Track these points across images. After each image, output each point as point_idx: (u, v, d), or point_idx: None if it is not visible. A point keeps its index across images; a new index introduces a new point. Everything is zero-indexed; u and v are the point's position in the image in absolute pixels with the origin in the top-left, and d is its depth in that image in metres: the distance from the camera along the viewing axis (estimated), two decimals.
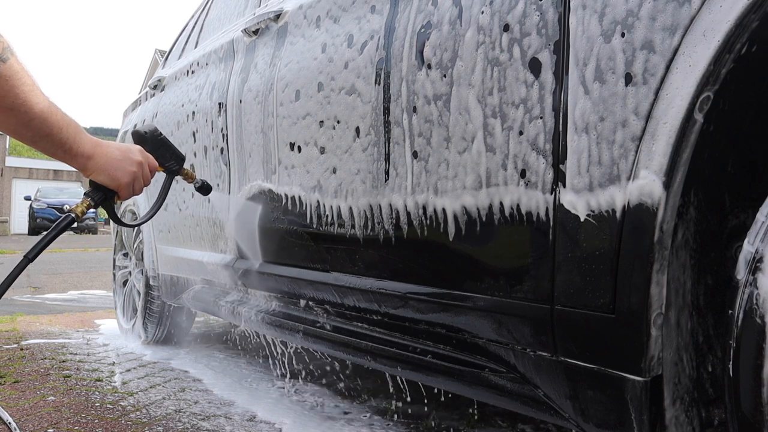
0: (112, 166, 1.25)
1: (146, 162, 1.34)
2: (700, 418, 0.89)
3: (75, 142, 1.18)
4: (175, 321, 2.85)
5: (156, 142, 1.45)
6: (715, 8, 0.78)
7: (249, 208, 1.85)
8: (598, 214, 0.91)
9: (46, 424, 1.75)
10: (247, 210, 1.86)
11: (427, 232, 1.23)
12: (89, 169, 1.24)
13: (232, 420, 1.81)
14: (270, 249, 1.79)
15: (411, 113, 1.26)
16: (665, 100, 0.82)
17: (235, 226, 1.97)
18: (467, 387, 1.19)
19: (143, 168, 1.32)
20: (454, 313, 1.19)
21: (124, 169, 1.27)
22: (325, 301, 1.59)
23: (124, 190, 1.29)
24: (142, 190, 1.35)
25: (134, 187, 1.31)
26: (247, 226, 1.86)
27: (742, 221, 0.89)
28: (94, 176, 1.25)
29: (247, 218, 1.86)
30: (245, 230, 1.89)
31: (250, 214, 1.84)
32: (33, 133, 1.12)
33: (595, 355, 0.93)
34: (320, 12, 1.61)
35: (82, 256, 9.59)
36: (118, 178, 1.27)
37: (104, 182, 1.27)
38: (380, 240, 1.35)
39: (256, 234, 1.82)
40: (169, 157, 1.47)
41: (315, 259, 1.60)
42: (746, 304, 0.75)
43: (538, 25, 1.01)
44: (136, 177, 1.30)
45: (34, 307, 4.42)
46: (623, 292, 0.87)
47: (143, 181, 1.33)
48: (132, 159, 1.29)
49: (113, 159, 1.26)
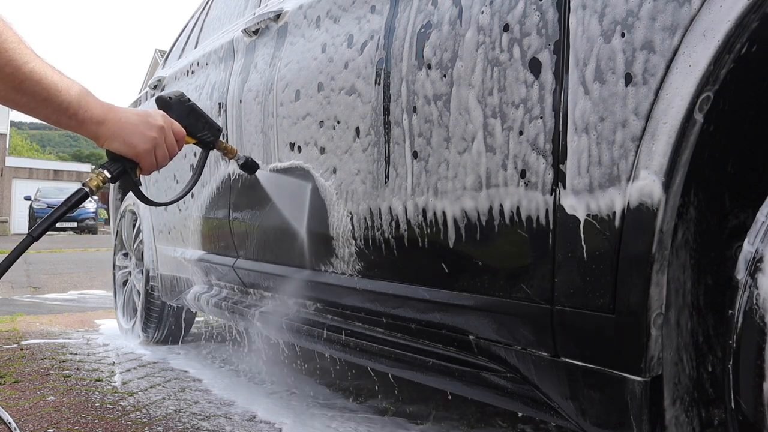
0: (126, 131, 1.11)
1: (170, 128, 1.18)
2: (700, 418, 0.89)
3: (81, 107, 1.05)
4: (175, 321, 2.85)
5: (183, 108, 1.28)
6: (715, 8, 0.78)
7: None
8: (598, 215, 0.91)
9: (46, 424, 1.75)
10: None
11: (427, 232, 1.23)
12: (101, 137, 1.10)
13: (232, 420, 1.81)
14: (274, 249, 1.79)
15: (411, 113, 1.26)
16: (665, 100, 0.82)
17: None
18: (467, 387, 1.19)
19: (165, 134, 1.16)
20: (453, 313, 1.19)
21: (141, 134, 1.12)
22: (323, 301, 1.59)
23: (145, 159, 1.14)
24: (167, 161, 1.18)
25: (156, 156, 1.15)
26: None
27: (742, 221, 0.89)
28: (108, 144, 1.11)
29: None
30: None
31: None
32: (28, 98, 0.99)
33: (595, 355, 0.93)
34: (320, 12, 1.61)
35: (82, 256, 9.59)
36: (135, 144, 1.12)
37: (119, 150, 1.12)
38: (380, 240, 1.35)
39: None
40: (201, 127, 1.30)
41: (315, 258, 1.60)
42: (746, 304, 0.75)
43: (538, 25, 1.01)
44: (157, 144, 1.14)
45: (34, 307, 4.42)
46: (623, 292, 0.87)
47: (167, 150, 1.17)
48: (151, 123, 1.14)
49: (128, 123, 1.11)
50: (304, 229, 1.59)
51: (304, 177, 1.58)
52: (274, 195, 1.70)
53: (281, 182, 1.66)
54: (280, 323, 1.73)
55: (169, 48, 3.19)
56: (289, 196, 1.63)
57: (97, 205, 20.91)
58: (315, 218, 1.54)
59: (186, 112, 1.28)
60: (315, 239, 1.56)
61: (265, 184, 1.70)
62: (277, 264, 1.75)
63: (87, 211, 19.63)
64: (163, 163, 1.17)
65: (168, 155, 1.17)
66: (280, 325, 1.72)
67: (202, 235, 2.24)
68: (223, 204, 2.04)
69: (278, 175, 1.68)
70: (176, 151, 1.19)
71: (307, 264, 1.60)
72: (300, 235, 1.60)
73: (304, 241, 1.58)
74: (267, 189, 1.70)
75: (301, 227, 1.59)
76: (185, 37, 2.92)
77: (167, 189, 2.54)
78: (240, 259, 1.96)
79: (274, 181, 1.69)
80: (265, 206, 1.77)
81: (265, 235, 1.80)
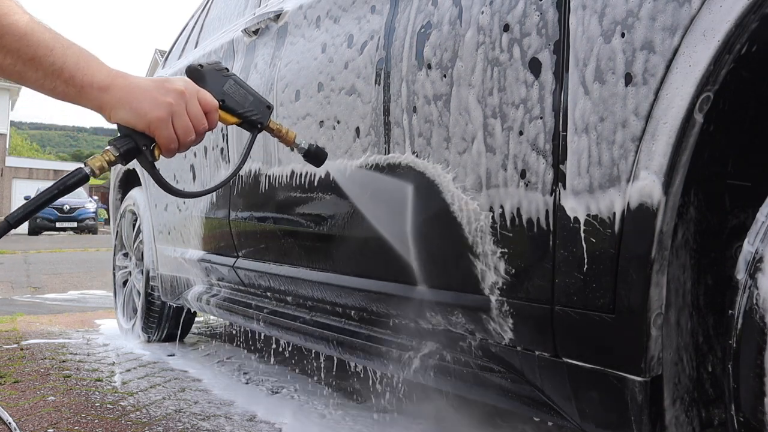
0: (135, 96, 0.89)
1: (194, 95, 0.94)
2: (700, 418, 0.89)
3: (80, 69, 0.86)
4: (175, 321, 2.85)
5: (218, 78, 1.03)
6: (715, 8, 0.78)
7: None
8: (598, 215, 0.91)
9: (46, 424, 1.75)
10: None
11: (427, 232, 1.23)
12: (105, 106, 0.89)
13: (232, 420, 1.81)
14: (274, 249, 1.79)
15: (411, 113, 1.26)
16: (665, 100, 0.82)
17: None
18: (467, 387, 1.19)
19: (187, 101, 0.92)
20: (453, 313, 1.19)
21: (153, 99, 0.89)
22: (323, 300, 1.59)
23: (160, 131, 0.90)
24: (190, 135, 0.93)
25: (175, 128, 0.91)
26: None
27: (742, 221, 0.89)
28: (114, 114, 0.90)
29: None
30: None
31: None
32: (13, 59, 0.82)
33: (595, 356, 0.93)
34: (320, 12, 1.61)
35: (82, 256, 9.59)
36: (145, 111, 0.89)
37: (127, 120, 0.90)
38: (380, 240, 1.35)
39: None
40: (243, 102, 1.05)
41: (315, 258, 1.59)
42: (746, 304, 0.75)
43: (538, 25, 1.01)
44: (175, 111, 0.90)
45: (34, 307, 4.42)
46: (623, 293, 0.87)
47: (191, 121, 0.92)
48: (167, 87, 0.91)
49: (138, 88, 0.90)
50: (410, 237, 1.28)
51: (412, 177, 1.27)
52: (359, 196, 1.41)
53: (375, 182, 1.37)
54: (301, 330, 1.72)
55: (169, 48, 3.19)
56: (386, 198, 1.34)
57: (97, 205, 20.90)
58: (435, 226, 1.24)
59: (222, 83, 1.03)
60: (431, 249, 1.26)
61: (345, 182, 1.43)
62: (370, 278, 1.43)
63: (87, 211, 19.63)
64: (186, 138, 0.92)
65: (191, 128, 0.92)
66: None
67: (205, 235, 2.24)
68: (224, 204, 2.04)
69: (371, 174, 1.38)
70: (203, 125, 0.94)
71: (419, 279, 1.28)
72: (404, 244, 1.30)
73: (410, 251, 1.28)
74: (346, 188, 1.43)
75: (406, 235, 1.29)
76: (185, 37, 2.92)
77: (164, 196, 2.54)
78: (240, 259, 1.97)
79: (363, 180, 1.40)
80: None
81: (345, 244, 1.50)
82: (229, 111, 1.03)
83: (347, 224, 1.45)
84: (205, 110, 0.95)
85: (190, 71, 1.03)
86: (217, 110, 0.98)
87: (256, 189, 1.81)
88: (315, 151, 1.17)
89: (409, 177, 1.27)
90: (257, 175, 1.81)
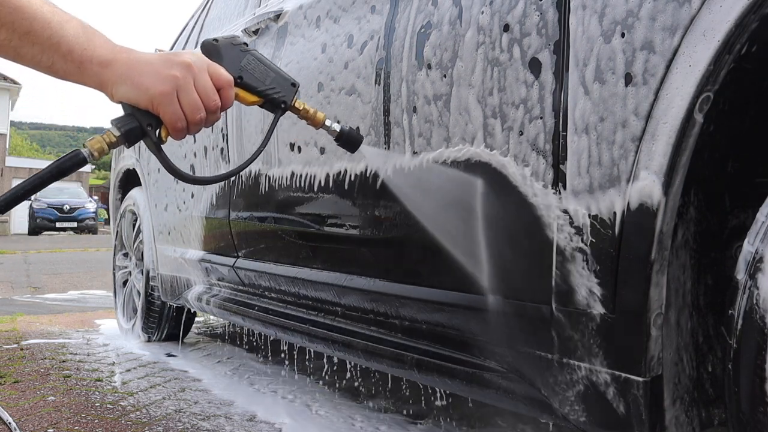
0: (137, 70, 0.81)
1: (203, 68, 0.84)
2: (700, 418, 0.89)
3: (79, 44, 0.80)
4: (174, 321, 2.85)
5: (235, 53, 0.93)
6: (715, 8, 0.78)
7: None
8: (598, 215, 0.91)
9: (46, 424, 1.75)
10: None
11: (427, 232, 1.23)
12: (107, 83, 0.82)
13: (232, 420, 1.81)
14: (274, 249, 1.79)
15: (411, 113, 1.26)
16: (665, 101, 0.82)
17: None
18: (467, 387, 1.19)
19: (195, 75, 0.83)
20: (454, 313, 1.19)
21: (157, 73, 0.81)
22: (323, 300, 1.59)
23: (164, 107, 0.81)
24: (199, 113, 0.83)
25: (182, 104, 0.82)
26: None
27: (742, 221, 0.89)
28: (115, 91, 0.82)
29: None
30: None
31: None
32: (8, 33, 0.77)
33: (595, 355, 0.93)
34: (320, 12, 1.61)
35: (82, 256, 9.59)
36: (147, 86, 0.81)
37: (129, 97, 0.82)
38: (380, 240, 1.35)
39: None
40: (264, 80, 0.95)
41: (315, 258, 1.60)
42: (746, 304, 0.75)
43: (538, 25, 1.01)
44: (180, 86, 0.81)
45: (34, 307, 4.42)
46: (623, 292, 0.87)
47: (200, 97, 0.83)
48: (173, 60, 0.83)
49: (141, 62, 0.82)
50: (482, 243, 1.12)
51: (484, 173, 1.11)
52: (415, 195, 1.26)
53: (439, 178, 1.20)
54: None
55: (169, 48, 3.19)
56: (453, 198, 1.18)
57: (97, 205, 20.90)
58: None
59: (239, 58, 0.93)
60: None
61: (397, 179, 1.28)
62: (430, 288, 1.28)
63: (87, 211, 19.63)
64: (194, 115, 0.83)
65: (200, 105, 0.83)
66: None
67: (205, 235, 2.24)
68: (224, 204, 2.04)
69: (438, 168, 1.19)
70: (214, 101, 0.85)
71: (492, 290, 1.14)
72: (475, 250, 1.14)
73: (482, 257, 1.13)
74: (397, 185, 1.28)
75: (477, 240, 1.13)
76: (185, 37, 2.92)
77: (167, 189, 2.54)
78: (240, 259, 1.97)
79: (421, 176, 1.24)
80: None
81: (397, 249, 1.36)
82: (247, 89, 0.93)
83: (369, 225, 1.45)
84: (217, 86, 0.85)
85: (204, 46, 0.94)
86: (232, 86, 0.89)
87: (256, 189, 1.81)
88: (349, 133, 1.03)
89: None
90: (257, 175, 1.81)
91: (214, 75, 0.85)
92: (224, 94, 0.86)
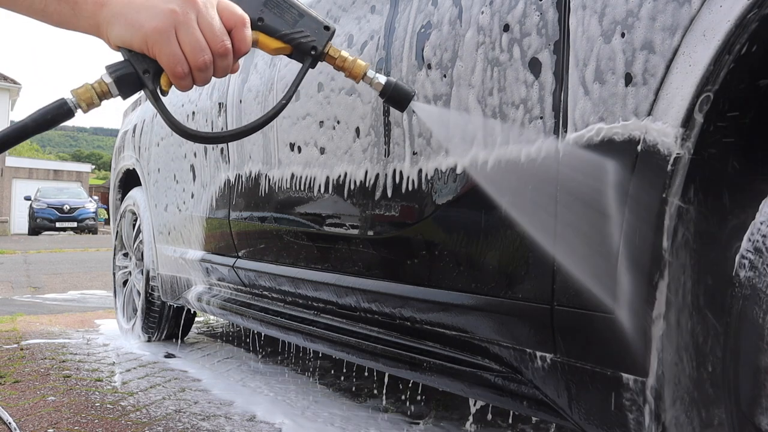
0: (133, 6, 0.72)
1: (212, 3, 0.74)
2: (700, 418, 0.89)
3: None
4: (174, 321, 2.85)
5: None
6: (715, 8, 0.78)
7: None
8: (598, 214, 0.91)
9: (46, 424, 1.75)
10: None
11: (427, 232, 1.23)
12: (103, 23, 0.73)
13: (232, 420, 1.81)
14: (274, 249, 1.79)
15: (411, 113, 1.26)
16: (665, 100, 0.82)
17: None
18: (467, 387, 1.19)
19: (199, 9, 0.73)
20: (454, 313, 1.19)
21: (153, 8, 0.71)
22: (322, 300, 1.59)
23: (160, 47, 0.72)
24: (202, 55, 0.73)
25: (181, 42, 0.72)
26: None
27: (742, 221, 0.89)
28: (110, 31, 0.73)
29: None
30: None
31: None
32: None
33: (595, 355, 0.93)
34: (320, 12, 1.61)
35: (82, 256, 9.59)
36: (141, 23, 0.71)
37: (123, 37, 0.73)
38: (379, 240, 1.35)
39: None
40: (291, 22, 0.81)
41: (314, 258, 1.60)
42: (746, 304, 0.75)
43: (538, 25, 1.01)
44: (180, 22, 0.71)
45: (34, 307, 4.42)
46: (623, 292, 0.87)
47: (205, 36, 0.73)
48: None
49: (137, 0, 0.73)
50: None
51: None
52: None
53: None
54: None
55: None
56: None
57: (97, 205, 20.91)
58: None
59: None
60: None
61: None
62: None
63: (87, 211, 19.64)
64: (197, 57, 0.73)
65: (204, 45, 0.73)
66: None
67: (205, 235, 2.24)
68: (224, 204, 2.04)
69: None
70: (223, 42, 0.74)
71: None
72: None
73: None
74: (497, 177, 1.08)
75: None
76: None
77: (167, 189, 2.54)
78: (240, 259, 1.97)
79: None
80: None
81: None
82: (269, 32, 0.80)
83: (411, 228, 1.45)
84: (228, 25, 0.74)
85: None
86: (246, 26, 0.76)
87: (256, 189, 1.81)
88: (395, 88, 0.86)
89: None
90: (257, 176, 1.81)
91: (224, 12, 0.75)
92: (237, 35, 0.75)
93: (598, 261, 0.90)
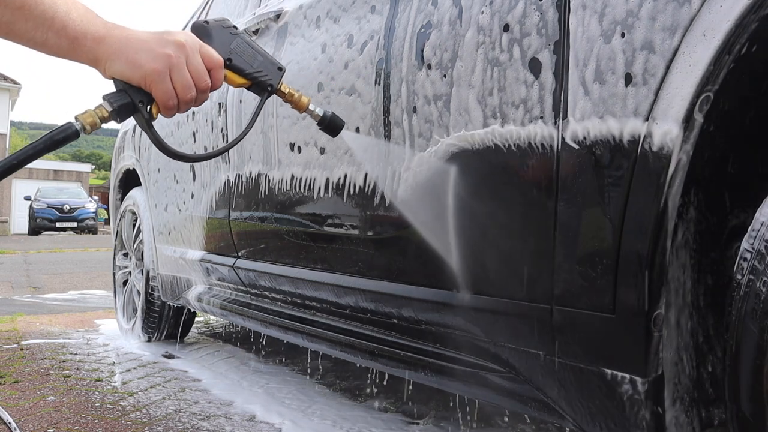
0: (131, 47, 0.83)
1: (195, 49, 0.87)
2: (700, 418, 0.89)
3: (72, 20, 0.81)
4: (174, 321, 2.85)
5: (225, 36, 0.96)
6: (715, 8, 0.78)
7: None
8: (598, 215, 0.91)
9: (46, 424, 1.75)
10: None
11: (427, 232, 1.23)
12: (101, 58, 0.83)
13: (232, 420, 1.81)
14: (271, 248, 1.79)
15: (411, 114, 1.26)
16: (665, 100, 0.82)
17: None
18: (467, 387, 1.20)
19: (188, 54, 0.86)
20: (454, 313, 1.19)
21: (151, 51, 0.83)
22: (323, 301, 1.59)
23: (156, 85, 0.83)
24: (190, 92, 0.86)
25: (174, 82, 0.85)
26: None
27: (742, 221, 0.89)
28: (109, 67, 0.84)
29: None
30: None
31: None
32: (1, 7, 0.78)
33: (595, 356, 0.93)
34: (320, 12, 1.61)
35: (82, 256, 9.59)
36: (141, 63, 0.82)
37: (122, 73, 0.84)
38: (379, 240, 1.35)
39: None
40: (252, 63, 0.98)
41: (314, 258, 1.59)
42: (746, 304, 0.75)
43: (538, 25, 1.01)
44: (173, 65, 0.84)
45: (34, 307, 4.42)
46: (623, 292, 0.87)
47: (192, 76, 0.86)
48: (167, 39, 0.85)
49: (135, 39, 0.84)
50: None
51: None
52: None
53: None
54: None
55: None
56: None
57: (97, 205, 20.91)
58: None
59: (229, 41, 0.96)
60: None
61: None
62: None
63: (87, 211, 19.63)
64: (186, 94, 0.86)
65: (191, 84, 0.86)
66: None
67: (205, 235, 2.24)
68: (224, 204, 2.04)
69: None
70: (205, 81, 0.87)
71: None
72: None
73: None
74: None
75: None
76: None
77: (167, 189, 2.54)
78: (240, 259, 1.97)
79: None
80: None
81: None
82: (236, 71, 0.96)
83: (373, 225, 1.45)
84: (208, 66, 0.88)
85: (195, 28, 0.96)
86: (222, 68, 0.92)
87: (256, 190, 1.82)
88: (331, 118, 1.05)
89: None
90: (257, 176, 1.81)
91: (205, 56, 0.88)
92: (214, 75, 0.89)
93: (598, 260, 0.91)
